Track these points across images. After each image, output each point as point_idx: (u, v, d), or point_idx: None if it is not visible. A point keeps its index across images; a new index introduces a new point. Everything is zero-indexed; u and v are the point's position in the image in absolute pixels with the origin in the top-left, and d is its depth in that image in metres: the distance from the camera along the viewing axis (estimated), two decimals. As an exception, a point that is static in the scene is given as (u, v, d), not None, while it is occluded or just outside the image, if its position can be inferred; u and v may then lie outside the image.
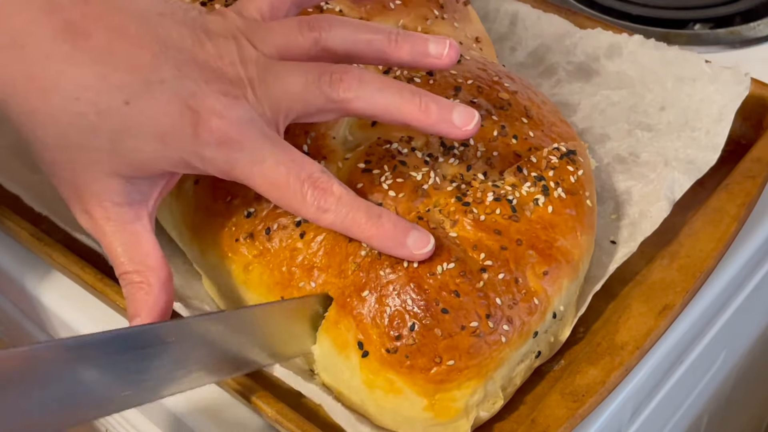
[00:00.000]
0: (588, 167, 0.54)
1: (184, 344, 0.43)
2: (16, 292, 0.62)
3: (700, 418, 0.74)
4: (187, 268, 0.56)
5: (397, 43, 0.48)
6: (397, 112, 0.46)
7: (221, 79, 0.44)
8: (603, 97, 0.66)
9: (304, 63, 0.46)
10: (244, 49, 0.46)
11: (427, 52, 0.48)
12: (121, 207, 0.45)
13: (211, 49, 0.45)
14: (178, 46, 0.44)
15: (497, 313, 0.46)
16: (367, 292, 0.46)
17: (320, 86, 0.45)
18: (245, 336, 0.46)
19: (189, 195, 0.53)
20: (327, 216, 0.45)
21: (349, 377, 0.47)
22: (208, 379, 0.46)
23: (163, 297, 0.46)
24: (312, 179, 0.44)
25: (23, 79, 0.42)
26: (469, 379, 0.45)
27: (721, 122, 0.60)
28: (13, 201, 0.59)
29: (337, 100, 0.46)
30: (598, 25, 0.69)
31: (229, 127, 0.43)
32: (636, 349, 0.49)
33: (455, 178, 0.50)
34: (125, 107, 0.42)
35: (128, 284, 0.46)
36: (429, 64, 0.48)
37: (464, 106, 0.46)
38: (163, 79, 0.43)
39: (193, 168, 0.45)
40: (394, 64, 0.49)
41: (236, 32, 0.46)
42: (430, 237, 0.46)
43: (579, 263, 0.50)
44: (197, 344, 0.44)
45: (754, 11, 0.83)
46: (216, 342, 0.45)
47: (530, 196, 0.49)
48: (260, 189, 0.45)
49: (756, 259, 0.62)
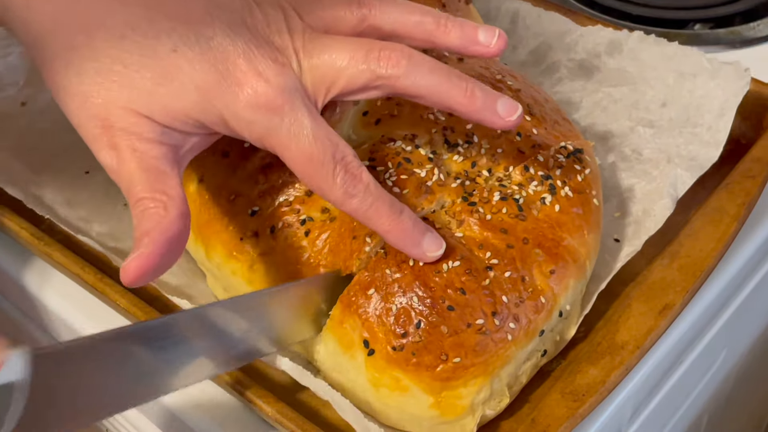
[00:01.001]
0: (595, 166, 0.54)
1: (198, 333, 0.43)
2: (16, 292, 0.62)
3: (700, 418, 0.74)
4: (191, 267, 0.56)
5: (447, 27, 0.47)
6: (444, 94, 0.45)
7: (269, 46, 0.44)
8: (604, 94, 0.66)
9: (352, 38, 0.46)
10: (291, 19, 0.45)
11: (477, 40, 0.47)
12: (150, 143, 0.43)
13: (260, 15, 0.45)
14: (230, 8, 0.44)
15: (503, 311, 0.46)
16: (372, 290, 0.46)
17: (368, 61, 0.45)
18: (253, 321, 0.46)
19: (193, 194, 0.53)
20: (352, 201, 0.44)
21: (355, 376, 0.47)
22: (213, 371, 0.45)
23: (179, 225, 0.42)
24: (345, 162, 0.44)
25: (68, 14, 0.42)
26: (476, 376, 0.45)
27: (723, 118, 0.60)
28: (13, 201, 0.59)
29: (384, 77, 0.45)
30: (598, 23, 0.69)
31: (274, 92, 0.43)
32: (636, 348, 0.49)
33: (459, 174, 0.50)
34: (172, 54, 0.42)
35: (142, 210, 0.42)
36: (477, 51, 0.48)
37: (508, 98, 0.46)
38: (212, 36, 0.43)
39: (229, 129, 0.44)
40: (441, 48, 0.48)
41: (284, 3, 0.46)
42: (443, 241, 0.46)
43: (586, 262, 0.50)
44: (208, 333, 0.44)
45: (754, 11, 0.83)
46: (225, 329, 0.44)
47: (537, 194, 0.49)
48: (292, 161, 0.44)
49: (756, 259, 0.62)
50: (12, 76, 0.70)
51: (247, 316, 0.45)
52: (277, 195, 0.50)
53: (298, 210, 0.49)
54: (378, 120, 0.52)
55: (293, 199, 0.50)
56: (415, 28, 0.47)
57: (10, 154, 0.64)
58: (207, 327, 0.44)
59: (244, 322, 0.45)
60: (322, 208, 0.49)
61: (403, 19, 0.47)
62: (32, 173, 0.63)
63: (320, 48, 0.45)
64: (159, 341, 0.41)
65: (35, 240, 0.56)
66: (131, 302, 0.52)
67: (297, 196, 0.50)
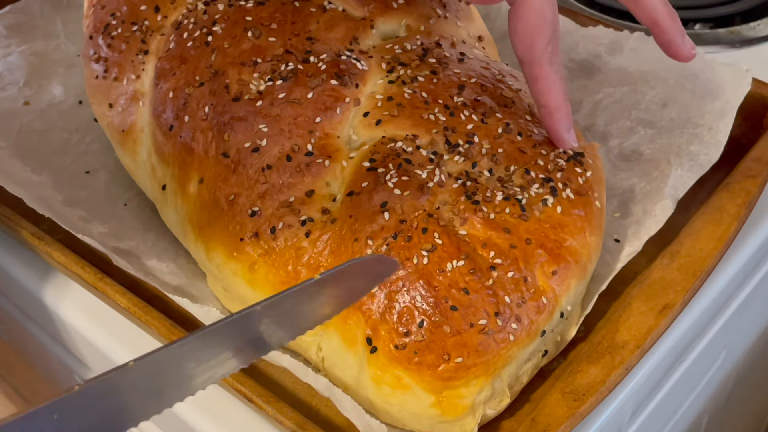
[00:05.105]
0: (598, 168, 0.54)
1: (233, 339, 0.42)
2: (17, 292, 0.62)
3: (700, 418, 0.74)
4: (191, 267, 0.56)
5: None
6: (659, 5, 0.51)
7: None
8: (605, 94, 0.66)
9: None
10: None
11: None
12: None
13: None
14: None
15: (506, 312, 0.46)
16: (377, 288, 0.46)
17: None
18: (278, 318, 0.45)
19: (194, 194, 0.53)
20: (551, 67, 0.50)
21: (357, 373, 0.47)
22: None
23: None
24: (557, 37, 0.50)
25: None
26: (477, 376, 0.45)
27: (724, 119, 0.60)
28: (13, 201, 0.59)
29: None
30: (598, 24, 0.69)
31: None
32: (636, 348, 0.49)
33: (461, 175, 0.50)
34: None
35: None
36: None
37: None
38: None
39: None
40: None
41: None
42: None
43: (587, 264, 0.50)
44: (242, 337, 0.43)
45: (754, 11, 0.83)
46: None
47: (539, 196, 0.49)
48: (530, 9, 0.49)
49: (756, 258, 0.62)
50: (12, 75, 0.70)
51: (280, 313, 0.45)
52: (277, 195, 0.50)
53: (298, 211, 0.49)
54: (379, 121, 0.52)
55: (294, 199, 0.50)
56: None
57: (10, 153, 0.64)
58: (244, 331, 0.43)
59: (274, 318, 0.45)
60: (323, 209, 0.50)
61: None
62: (32, 173, 0.63)
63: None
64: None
65: (35, 240, 0.56)
66: (131, 302, 0.52)
67: (297, 196, 0.50)
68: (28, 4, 0.75)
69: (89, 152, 0.66)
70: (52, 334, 0.62)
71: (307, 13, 0.56)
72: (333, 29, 0.56)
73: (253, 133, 0.52)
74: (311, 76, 0.53)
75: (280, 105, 0.52)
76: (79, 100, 0.69)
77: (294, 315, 0.44)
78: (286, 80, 0.53)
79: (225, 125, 0.52)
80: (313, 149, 0.51)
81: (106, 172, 0.64)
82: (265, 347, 0.43)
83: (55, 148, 0.65)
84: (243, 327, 0.42)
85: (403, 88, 0.53)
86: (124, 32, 0.60)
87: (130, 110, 0.59)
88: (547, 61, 0.50)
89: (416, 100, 0.53)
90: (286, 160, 0.51)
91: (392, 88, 0.54)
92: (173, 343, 0.40)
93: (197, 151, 0.53)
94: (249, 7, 0.56)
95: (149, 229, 0.60)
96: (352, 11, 0.57)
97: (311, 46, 0.55)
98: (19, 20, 0.74)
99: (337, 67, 0.54)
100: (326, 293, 0.45)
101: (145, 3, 0.60)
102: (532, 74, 0.51)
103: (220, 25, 0.56)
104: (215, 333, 0.41)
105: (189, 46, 0.56)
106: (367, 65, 0.55)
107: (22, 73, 0.70)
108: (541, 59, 0.50)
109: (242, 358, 0.42)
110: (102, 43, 0.60)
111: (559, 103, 0.51)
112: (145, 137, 0.58)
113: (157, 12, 0.59)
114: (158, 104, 0.56)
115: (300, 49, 0.54)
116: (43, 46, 0.73)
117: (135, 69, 0.59)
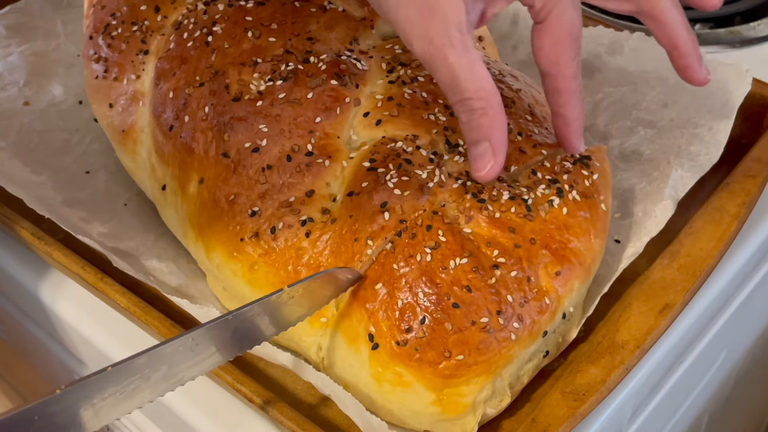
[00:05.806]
0: (605, 171, 0.53)
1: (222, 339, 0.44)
2: (17, 292, 0.62)
3: (700, 418, 0.74)
4: (191, 267, 0.56)
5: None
6: (680, 27, 0.51)
7: None
8: (605, 94, 0.66)
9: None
10: None
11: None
12: (462, 35, 0.46)
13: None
14: None
15: (508, 311, 0.46)
16: (380, 284, 0.46)
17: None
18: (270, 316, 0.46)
19: (194, 195, 0.53)
20: (577, 79, 0.50)
21: (358, 370, 0.47)
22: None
23: (502, 120, 0.47)
24: (581, 49, 0.50)
25: None
26: (478, 375, 0.45)
27: (724, 119, 0.60)
28: (14, 200, 0.59)
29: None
30: (598, 24, 0.69)
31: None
32: (636, 348, 0.49)
33: (461, 175, 0.50)
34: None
35: (468, 111, 0.47)
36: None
37: None
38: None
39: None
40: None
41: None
42: None
43: (591, 266, 0.50)
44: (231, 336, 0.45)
45: (754, 11, 0.83)
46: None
47: (545, 197, 0.49)
48: (558, 28, 0.49)
49: (756, 258, 0.62)
50: (12, 75, 0.70)
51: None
52: (277, 195, 0.50)
53: (298, 211, 0.49)
54: (379, 121, 0.52)
55: (294, 199, 0.50)
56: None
57: (11, 153, 0.64)
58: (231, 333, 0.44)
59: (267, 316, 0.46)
60: (323, 209, 0.50)
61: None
62: (32, 173, 0.63)
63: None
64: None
65: (36, 240, 0.56)
66: (131, 302, 0.52)
67: (297, 196, 0.50)
68: (28, 4, 0.75)
69: (89, 152, 0.66)
70: (51, 334, 0.62)
71: (307, 13, 0.56)
72: (333, 29, 0.56)
73: (253, 133, 0.52)
74: (311, 77, 0.53)
75: (280, 105, 0.52)
76: (79, 100, 0.69)
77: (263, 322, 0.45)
78: (286, 80, 0.53)
79: (225, 125, 0.52)
80: (313, 149, 0.51)
81: (106, 173, 0.64)
82: (235, 353, 0.45)
83: (55, 149, 0.65)
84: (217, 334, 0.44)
85: (403, 88, 0.53)
86: (124, 32, 0.60)
87: (130, 110, 0.59)
88: (572, 76, 0.50)
89: (416, 101, 0.53)
90: (286, 160, 0.51)
91: (392, 88, 0.54)
92: (153, 348, 0.41)
93: (197, 151, 0.53)
94: (249, 7, 0.56)
95: (149, 230, 0.60)
96: (352, 11, 0.57)
97: (311, 46, 0.55)
98: (19, 20, 0.74)
99: (337, 67, 0.54)
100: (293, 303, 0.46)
101: (145, 3, 0.60)
102: (555, 87, 0.51)
103: (221, 25, 0.56)
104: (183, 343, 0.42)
105: (189, 46, 0.56)
106: (367, 65, 0.55)
107: (22, 74, 0.70)
108: (565, 74, 0.50)
109: (195, 371, 0.43)
110: (102, 43, 0.60)
111: (577, 113, 0.51)
112: (145, 137, 0.58)
113: (157, 12, 0.59)
114: (158, 104, 0.56)
115: (300, 49, 0.54)
116: (43, 46, 0.73)
117: (135, 69, 0.59)
